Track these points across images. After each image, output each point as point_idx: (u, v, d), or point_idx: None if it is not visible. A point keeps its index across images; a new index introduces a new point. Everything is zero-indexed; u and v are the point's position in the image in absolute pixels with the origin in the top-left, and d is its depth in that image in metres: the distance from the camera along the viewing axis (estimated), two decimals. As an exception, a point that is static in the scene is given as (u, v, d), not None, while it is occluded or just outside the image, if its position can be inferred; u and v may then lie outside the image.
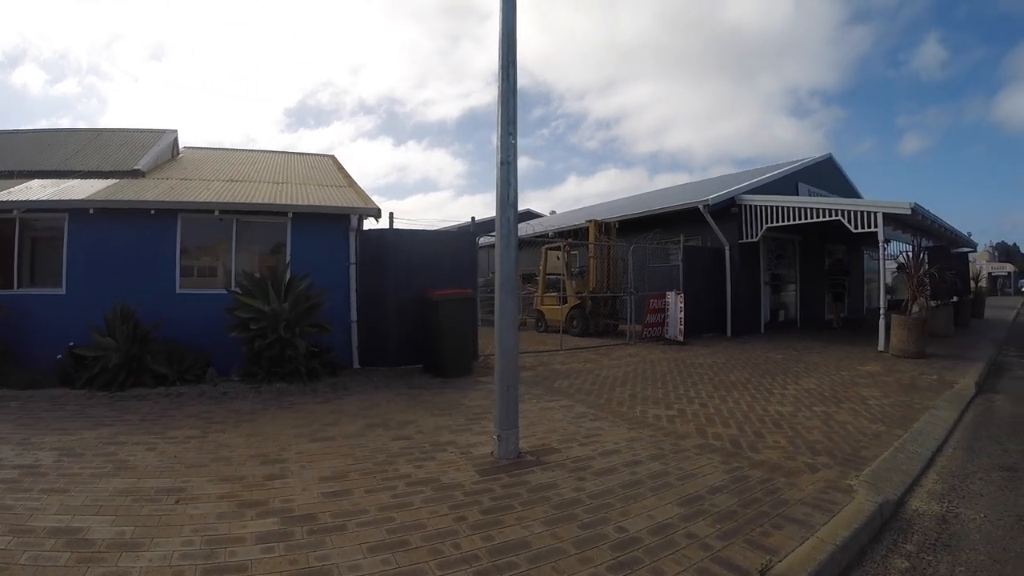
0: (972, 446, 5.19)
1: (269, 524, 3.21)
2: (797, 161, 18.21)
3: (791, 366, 8.83)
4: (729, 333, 13.31)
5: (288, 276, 7.96)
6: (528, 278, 17.45)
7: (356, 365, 8.74)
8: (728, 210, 13.25)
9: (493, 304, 4.80)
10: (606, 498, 3.63)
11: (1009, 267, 60.06)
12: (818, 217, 11.51)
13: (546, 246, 15.16)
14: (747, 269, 13.63)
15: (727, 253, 13.36)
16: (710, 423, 5.50)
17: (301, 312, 7.66)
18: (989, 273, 45.16)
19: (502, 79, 4.48)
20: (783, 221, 12.18)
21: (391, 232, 9.19)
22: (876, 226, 10.37)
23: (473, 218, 9.90)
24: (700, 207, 12.82)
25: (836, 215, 11.17)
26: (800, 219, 11.82)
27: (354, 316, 8.84)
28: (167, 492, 3.68)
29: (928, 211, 11.00)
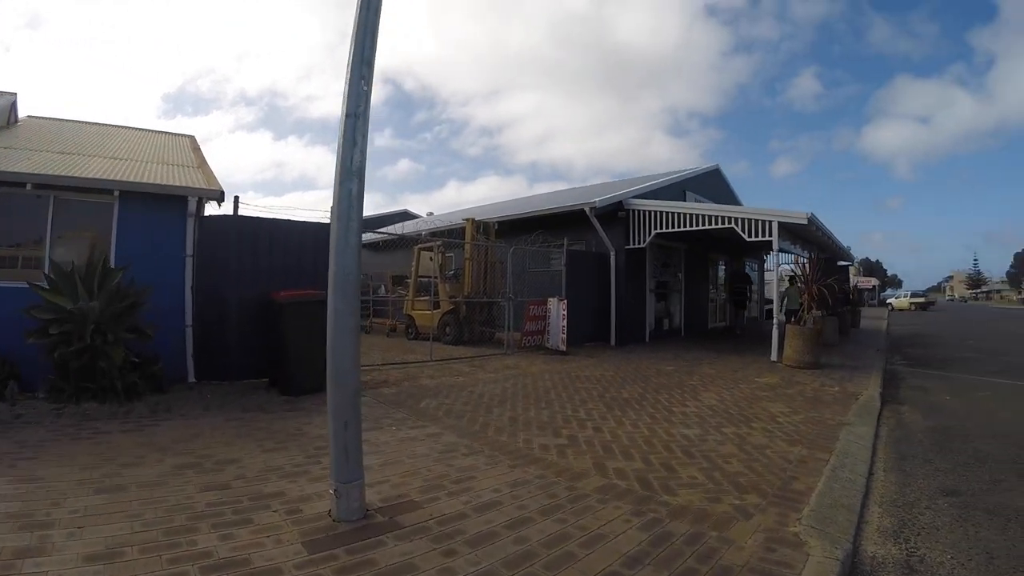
0: (902, 467, 4.69)
1: None
2: (686, 170, 18.47)
3: (686, 379, 8.18)
4: (613, 342, 12.75)
5: (103, 267, 6.19)
6: (399, 280, 16.48)
7: (191, 379, 7.26)
8: (615, 215, 12.72)
9: (370, 309, 3.46)
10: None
11: (874, 280, 68.73)
12: (711, 224, 11.22)
13: (419, 246, 14.07)
14: (633, 276, 13.19)
15: (613, 259, 12.82)
16: (609, 454, 4.46)
17: (117, 313, 6.19)
18: (856, 285, 49.65)
19: (362, 8, 3.22)
20: (674, 227, 11.81)
21: (236, 219, 7.64)
22: (771, 235, 10.16)
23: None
24: (586, 210, 12.15)
25: (730, 223, 10.93)
26: (692, 226, 11.48)
27: (189, 319, 7.31)
28: None
29: (822, 223, 11.01)
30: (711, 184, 18.80)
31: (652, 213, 12.29)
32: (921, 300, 50.03)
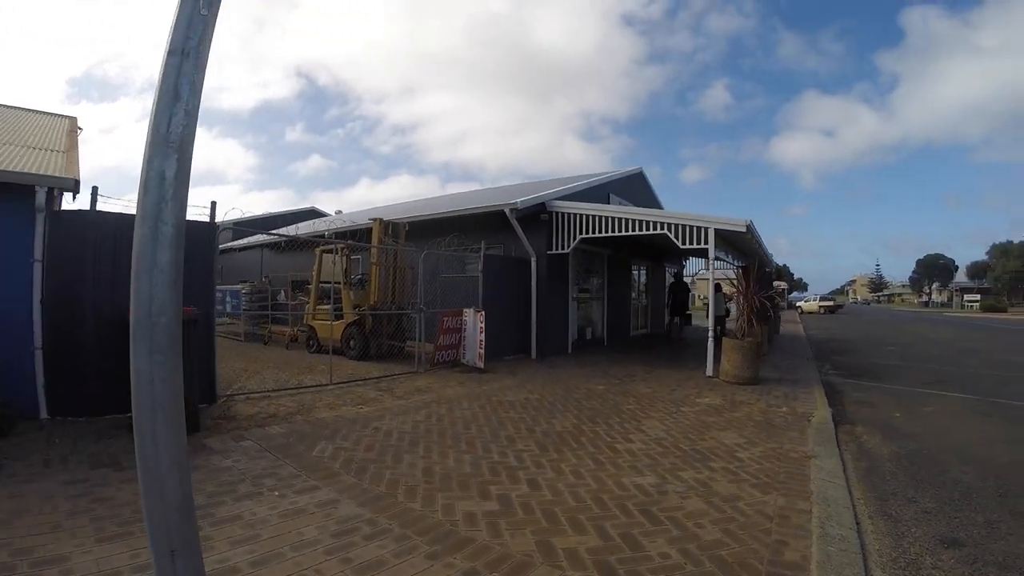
0: (886, 510, 4.16)
1: None
2: (609, 172, 18.09)
3: (621, 401, 7.49)
4: (535, 355, 12.01)
5: None
6: (300, 285, 15.15)
7: (44, 414, 5.86)
8: (537, 217, 11.97)
9: (267, 319, 2.35)
10: None
11: (783, 284, 71.34)
12: (643, 230, 10.66)
13: (321, 247, 12.82)
14: (555, 283, 12.50)
15: (534, 265, 12.07)
16: (554, 524, 3.55)
17: None
18: (782, 290, 51.89)
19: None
20: (602, 232, 11.18)
21: (95, 216, 6.19)
22: (706, 242, 9.71)
23: (214, 203, 7.10)
24: (506, 211, 11.33)
25: (663, 228, 10.40)
26: (621, 231, 10.88)
27: (39, 340, 5.90)
28: None
29: (756, 231, 10.66)
30: (635, 187, 18.57)
31: (577, 216, 11.63)
32: (830, 303, 52.95)
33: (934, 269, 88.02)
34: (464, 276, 11.80)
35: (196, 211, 7.50)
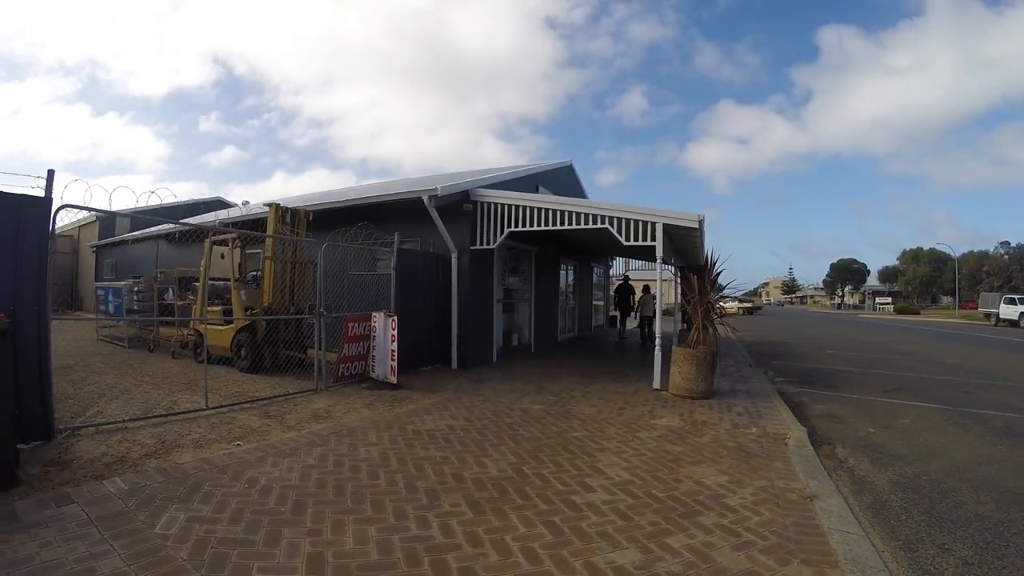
0: (922, 565, 3.50)
1: None
2: (537, 164, 17.09)
3: (566, 428, 6.45)
4: (456, 365, 10.77)
5: None
6: (188, 283, 13.18)
7: None
8: (459, 207, 10.69)
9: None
10: None
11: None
12: (580, 224, 9.64)
13: (212, 238, 11.13)
14: (479, 283, 11.34)
15: (455, 262, 10.83)
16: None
17: None
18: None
19: None
20: (534, 225, 10.06)
21: None
22: (653, 239, 8.86)
23: (51, 172, 5.40)
24: (425, 199, 9.96)
25: (603, 222, 9.41)
26: (555, 224, 9.81)
27: None
28: None
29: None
30: (563, 180, 17.68)
31: (506, 207, 10.47)
32: (749, 305, 54.27)
33: (847, 273, 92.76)
34: (375, 274, 10.45)
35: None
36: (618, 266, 23.94)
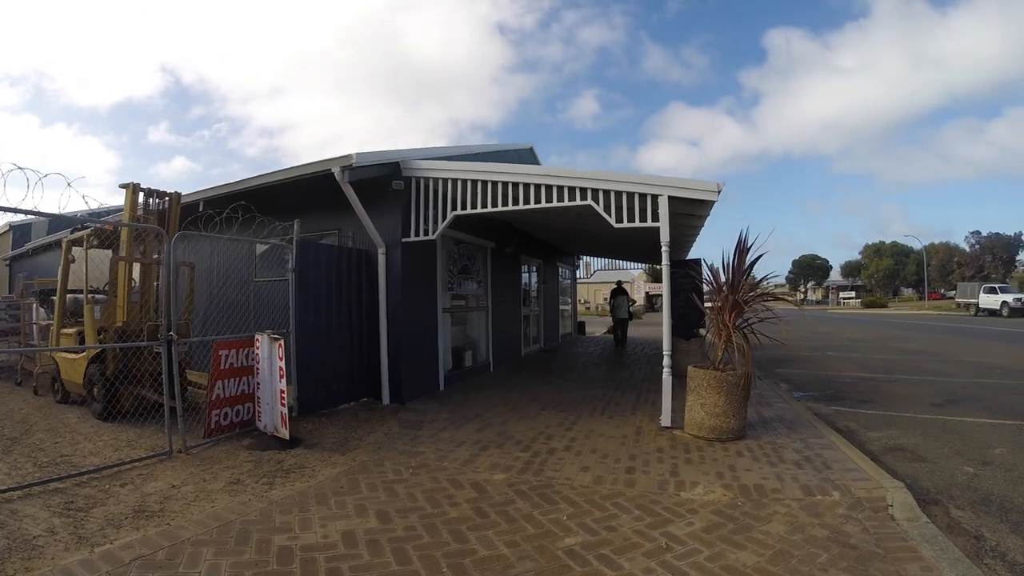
0: None
1: None
2: (493, 144, 14.36)
3: (549, 525, 4.08)
4: (387, 399, 8.17)
5: None
6: (46, 297, 10.79)
7: None
8: (387, 186, 8.23)
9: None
10: None
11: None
12: (555, 200, 7.20)
13: (69, 236, 8.47)
14: (418, 287, 8.84)
15: (383, 259, 8.31)
16: None
17: None
18: (647, 293, 51.61)
19: None
20: (488, 206, 7.63)
21: None
22: (656, 219, 6.59)
23: None
24: (336, 171, 7.44)
25: (586, 197, 7.05)
26: (519, 202, 7.38)
27: None
28: None
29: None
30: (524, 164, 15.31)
31: (449, 183, 7.96)
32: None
33: (810, 269, 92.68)
34: (279, 280, 7.97)
35: None
36: (593, 265, 21.94)
